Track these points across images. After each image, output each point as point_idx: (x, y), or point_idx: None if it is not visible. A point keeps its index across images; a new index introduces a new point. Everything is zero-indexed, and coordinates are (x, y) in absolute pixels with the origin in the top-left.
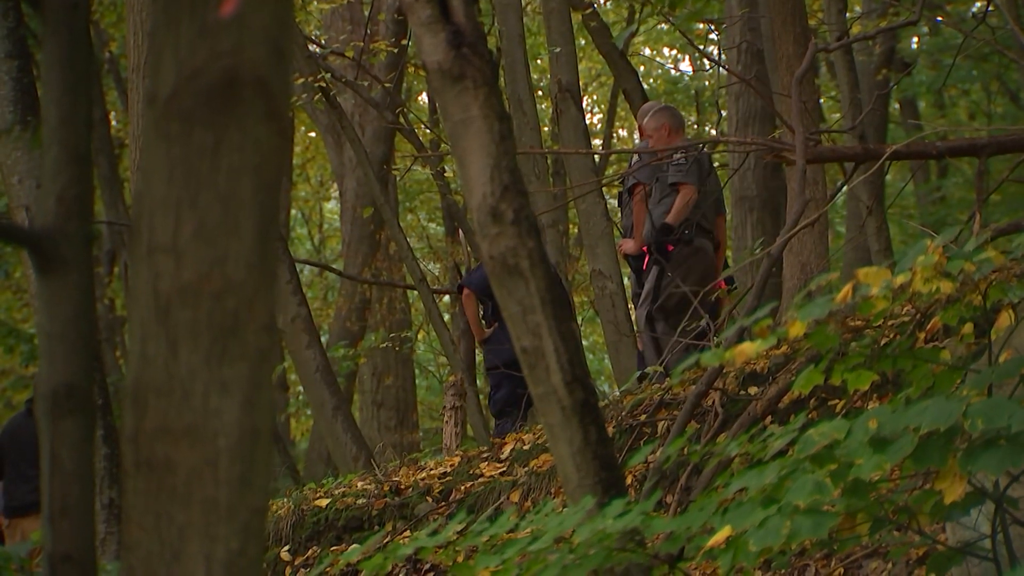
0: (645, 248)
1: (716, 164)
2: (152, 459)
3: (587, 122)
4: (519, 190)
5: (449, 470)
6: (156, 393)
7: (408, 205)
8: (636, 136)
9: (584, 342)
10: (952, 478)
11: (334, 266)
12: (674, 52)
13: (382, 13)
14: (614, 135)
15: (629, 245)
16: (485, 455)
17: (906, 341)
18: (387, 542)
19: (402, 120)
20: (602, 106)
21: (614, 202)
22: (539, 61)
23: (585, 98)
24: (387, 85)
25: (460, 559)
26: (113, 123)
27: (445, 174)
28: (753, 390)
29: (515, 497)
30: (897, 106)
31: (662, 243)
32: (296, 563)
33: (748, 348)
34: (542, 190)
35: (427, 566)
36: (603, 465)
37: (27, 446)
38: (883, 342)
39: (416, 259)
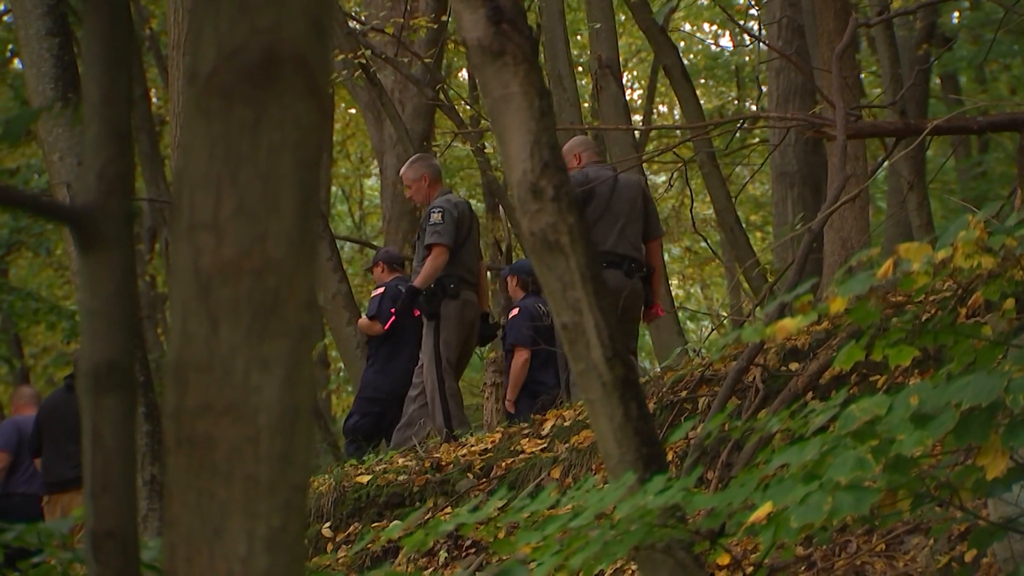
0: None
1: (756, 140)
2: (193, 436)
3: (627, 98)
4: (559, 166)
5: (490, 446)
6: (197, 370)
7: (448, 181)
8: (677, 112)
9: None
10: (994, 454)
11: (375, 243)
12: (714, 27)
13: None
14: (654, 111)
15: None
16: (526, 431)
17: (947, 316)
18: (428, 518)
19: (442, 97)
20: (642, 82)
21: (655, 178)
22: (579, 37)
23: (625, 74)
24: (427, 61)
25: (501, 535)
26: (154, 100)
27: (485, 150)
28: (794, 366)
29: (556, 473)
30: (938, 81)
31: (408, 308)
32: (337, 539)
33: (789, 324)
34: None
35: (468, 542)
36: (644, 441)
37: (66, 422)
38: (924, 317)
39: None
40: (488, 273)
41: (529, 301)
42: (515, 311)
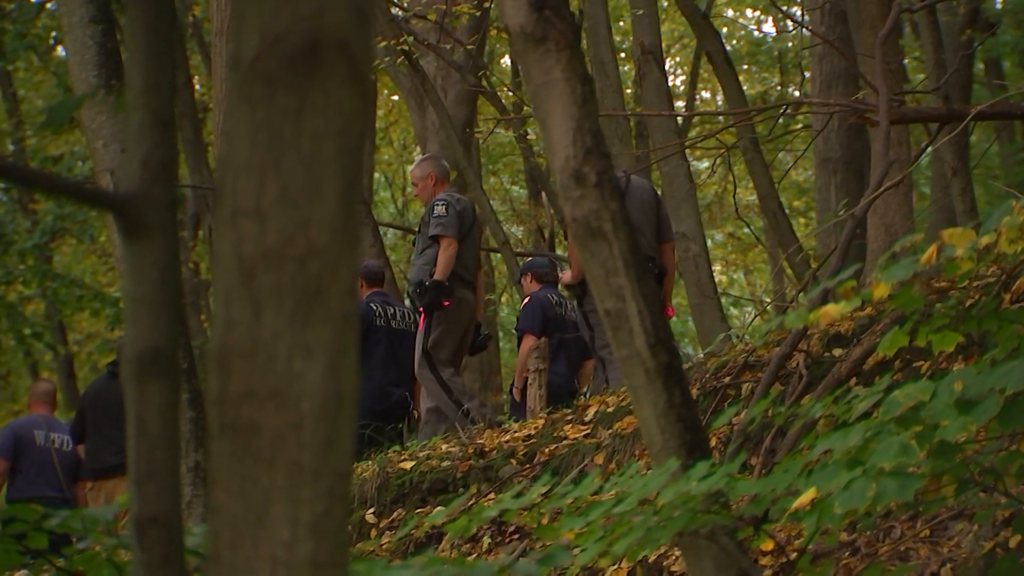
0: (422, 309)
1: (799, 126)
2: (237, 422)
3: (669, 84)
4: (602, 152)
5: (533, 432)
6: (240, 357)
7: (491, 168)
8: (720, 98)
9: None
10: None
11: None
12: (757, 13)
13: None
14: (697, 97)
15: (566, 276)
16: (569, 417)
17: (991, 302)
18: (471, 504)
19: (485, 83)
20: (685, 68)
21: (697, 164)
22: (621, 23)
23: (667, 60)
24: (469, 48)
25: (544, 521)
26: (197, 87)
27: (528, 137)
28: (838, 352)
29: (599, 459)
30: (981, 66)
31: (437, 301)
32: (381, 525)
33: (832, 310)
34: (625, 152)
35: (512, 528)
36: (687, 427)
37: (110, 409)
38: (968, 303)
39: (499, 222)
40: (519, 260)
41: (542, 292)
42: (526, 300)
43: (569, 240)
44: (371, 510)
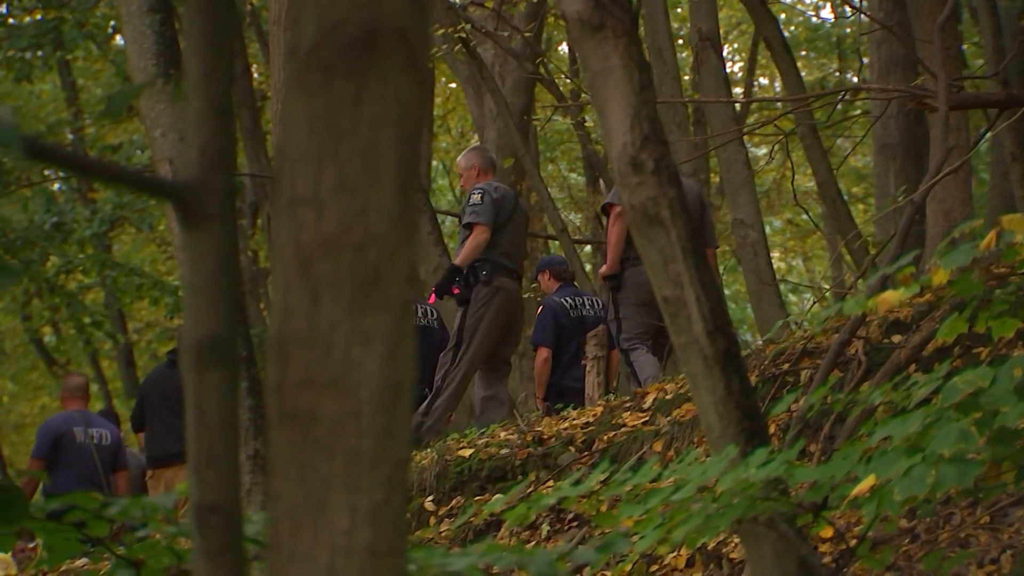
0: (455, 290)
1: (858, 112)
2: (296, 410)
3: (727, 71)
4: (659, 139)
5: (592, 420)
6: (299, 345)
7: (549, 155)
8: (778, 84)
9: (726, 291)
10: None
11: None
12: None
13: None
14: (755, 83)
15: (603, 268)
16: (628, 404)
17: None
18: (530, 492)
19: (542, 70)
20: (743, 54)
21: (755, 151)
22: (679, 10)
23: (725, 46)
24: (527, 35)
25: (603, 509)
26: (255, 76)
27: (585, 124)
28: (897, 338)
29: (658, 447)
30: None
31: (447, 286)
32: (440, 513)
33: (891, 296)
34: (683, 139)
35: (570, 516)
36: (746, 414)
37: (170, 397)
38: None
39: (557, 209)
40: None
41: (557, 296)
42: (539, 309)
43: (608, 229)
44: (430, 498)
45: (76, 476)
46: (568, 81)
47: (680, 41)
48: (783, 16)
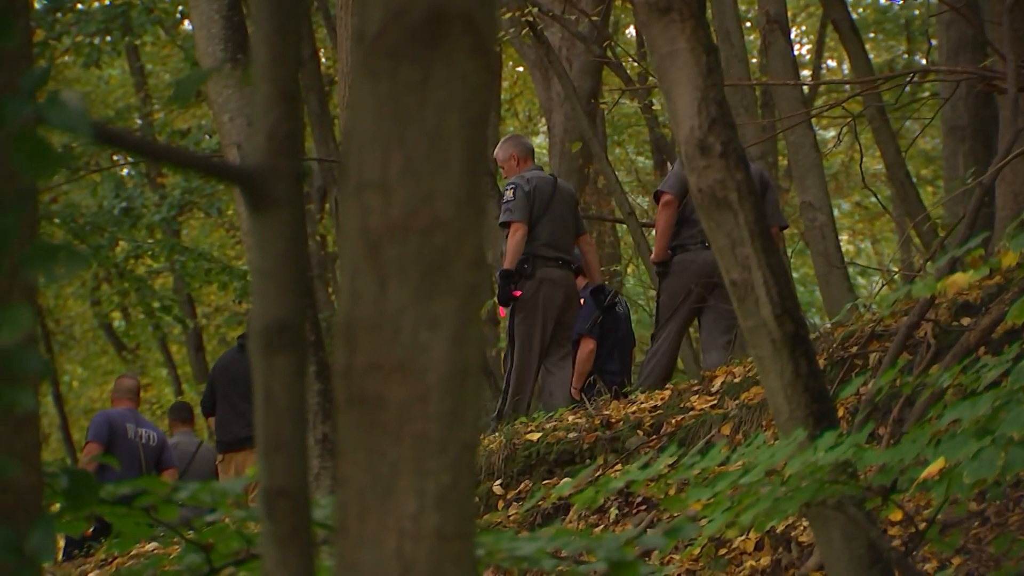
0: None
1: (926, 94)
2: (363, 395)
3: (795, 53)
4: (727, 122)
5: (660, 403)
6: (366, 329)
7: (616, 139)
8: (846, 67)
9: (794, 274)
10: None
11: None
12: None
13: None
14: (823, 66)
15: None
16: (696, 388)
17: None
18: (598, 476)
19: (609, 53)
20: (811, 37)
21: (823, 134)
22: None
23: (793, 29)
24: (594, 19)
25: (671, 492)
26: (323, 60)
27: (653, 107)
28: (966, 321)
29: (726, 430)
30: None
31: (506, 293)
32: (508, 497)
33: (960, 279)
34: (750, 122)
35: (639, 499)
36: (814, 397)
37: (240, 381)
38: None
39: (625, 193)
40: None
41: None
42: (582, 301)
43: (658, 216)
44: (498, 482)
45: (123, 471)
46: (635, 64)
47: (748, 24)
48: None
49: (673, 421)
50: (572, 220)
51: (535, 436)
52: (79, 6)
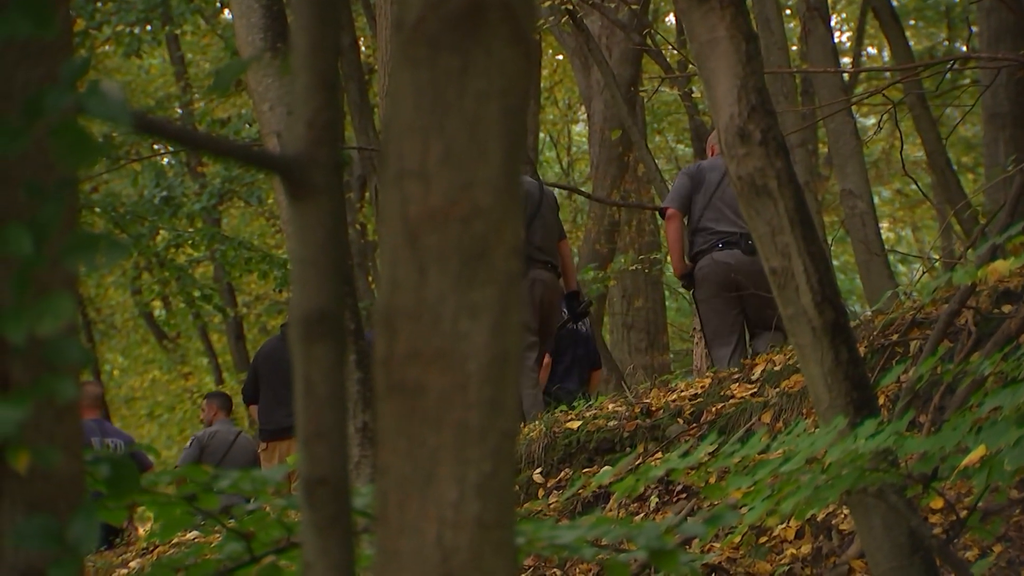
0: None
1: (967, 81)
2: (403, 383)
3: (835, 40)
4: (767, 110)
5: (700, 391)
6: (406, 317)
7: (656, 127)
8: (886, 54)
9: (834, 262)
10: None
11: (583, 188)
12: None
13: None
14: (863, 53)
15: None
16: (736, 376)
17: None
18: (638, 464)
19: (649, 41)
20: (851, 24)
21: (864, 121)
22: None
23: (833, 16)
24: (634, 7)
25: (712, 480)
26: (362, 49)
27: (693, 95)
28: (1007, 308)
29: (766, 418)
30: None
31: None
32: (548, 485)
33: (1001, 266)
34: (790, 110)
35: (679, 488)
36: (855, 385)
37: (284, 370)
38: None
39: (664, 181)
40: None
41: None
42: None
43: (666, 232)
44: (538, 470)
45: None
46: (675, 52)
47: (787, 11)
48: None
49: (713, 409)
50: (556, 225)
51: (575, 424)
52: None
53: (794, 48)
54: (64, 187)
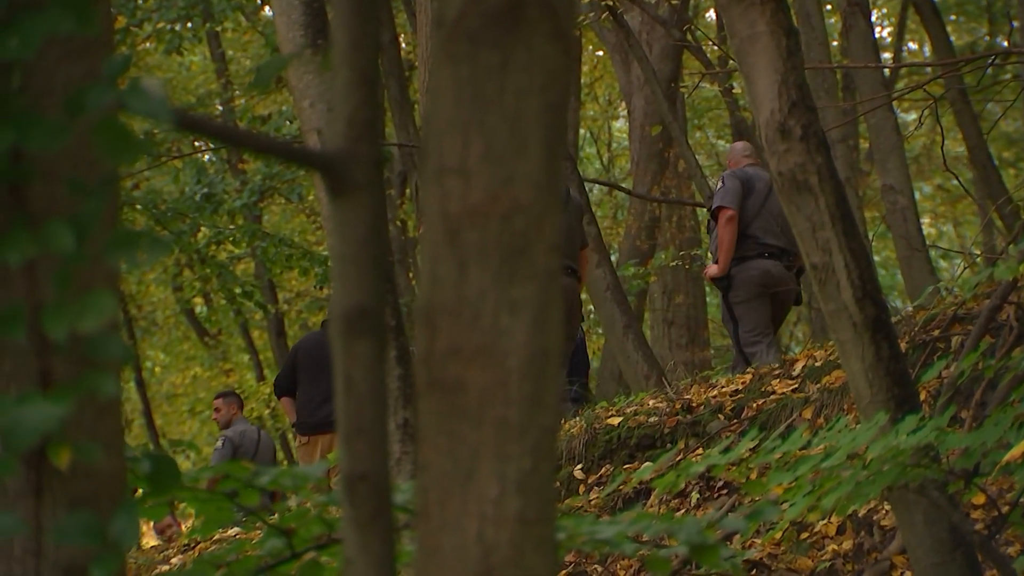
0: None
1: (1008, 76)
2: (444, 379)
3: (876, 36)
4: (807, 106)
5: (741, 387)
6: (447, 314)
7: (696, 123)
8: (927, 49)
9: (875, 257)
10: None
11: (623, 185)
12: None
13: None
14: (904, 48)
15: (713, 269)
16: (777, 372)
17: None
18: (679, 460)
19: (689, 37)
20: (892, 19)
21: (904, 116)
22: None
23: (874, 11)
24: (674, 2)
25: (753, 476)
26: (402, 45)
27: (733, 91)
28: None
29: (807, 414)
30: None
31: None
32: (589, 481)
33: None
34: (831, 105)
35: (720, 483)
36: (896, 381)
37: (326, 364)
38: None
39: (705, 176)
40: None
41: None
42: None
43: (719, 232)
44: (579, 466)
45: None
46: (715, 48)
47: (828, 7)
48: None
49: (754, 405)
50: (579, 231)
51: (616, 420)
52: None
53: (835, 43)
54: (106, 184)
